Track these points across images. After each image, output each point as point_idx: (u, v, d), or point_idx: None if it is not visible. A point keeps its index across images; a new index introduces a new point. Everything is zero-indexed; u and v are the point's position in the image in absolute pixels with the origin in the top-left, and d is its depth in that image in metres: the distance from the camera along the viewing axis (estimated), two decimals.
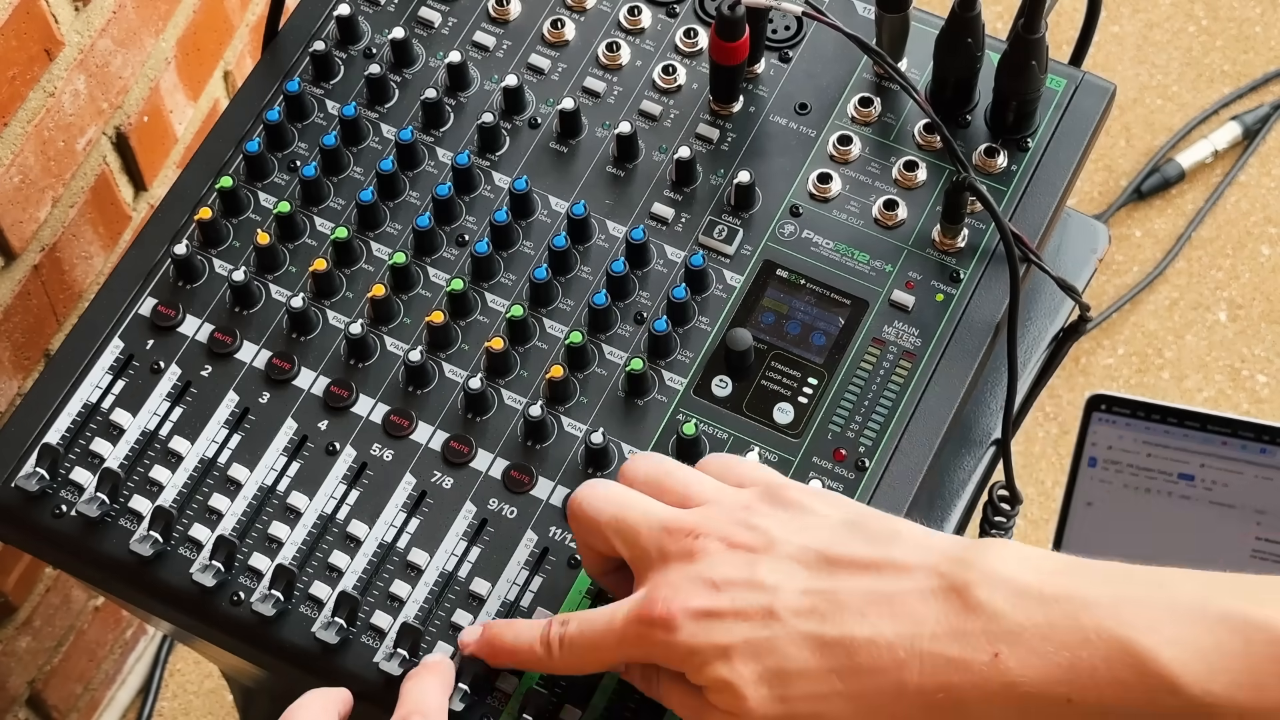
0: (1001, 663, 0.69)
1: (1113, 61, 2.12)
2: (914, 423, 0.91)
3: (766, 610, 0.74)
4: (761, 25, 0.97)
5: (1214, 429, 1.16)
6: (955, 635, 0.70)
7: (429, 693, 0.82)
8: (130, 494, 0.90)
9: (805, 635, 0.73)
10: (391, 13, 1.02)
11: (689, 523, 0.78)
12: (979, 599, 0.71)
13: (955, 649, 0.70)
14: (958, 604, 0.71)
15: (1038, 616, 0.69)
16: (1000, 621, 0.70)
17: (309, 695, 0.81)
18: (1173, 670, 0.67)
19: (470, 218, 0.96)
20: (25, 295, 1.27)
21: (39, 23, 1.16)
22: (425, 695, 0.82)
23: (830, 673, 0.73)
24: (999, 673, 0.69)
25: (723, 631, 0.74)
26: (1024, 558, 0.72)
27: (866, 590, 0.73)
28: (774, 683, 0.73)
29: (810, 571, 0.75)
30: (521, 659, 0.82)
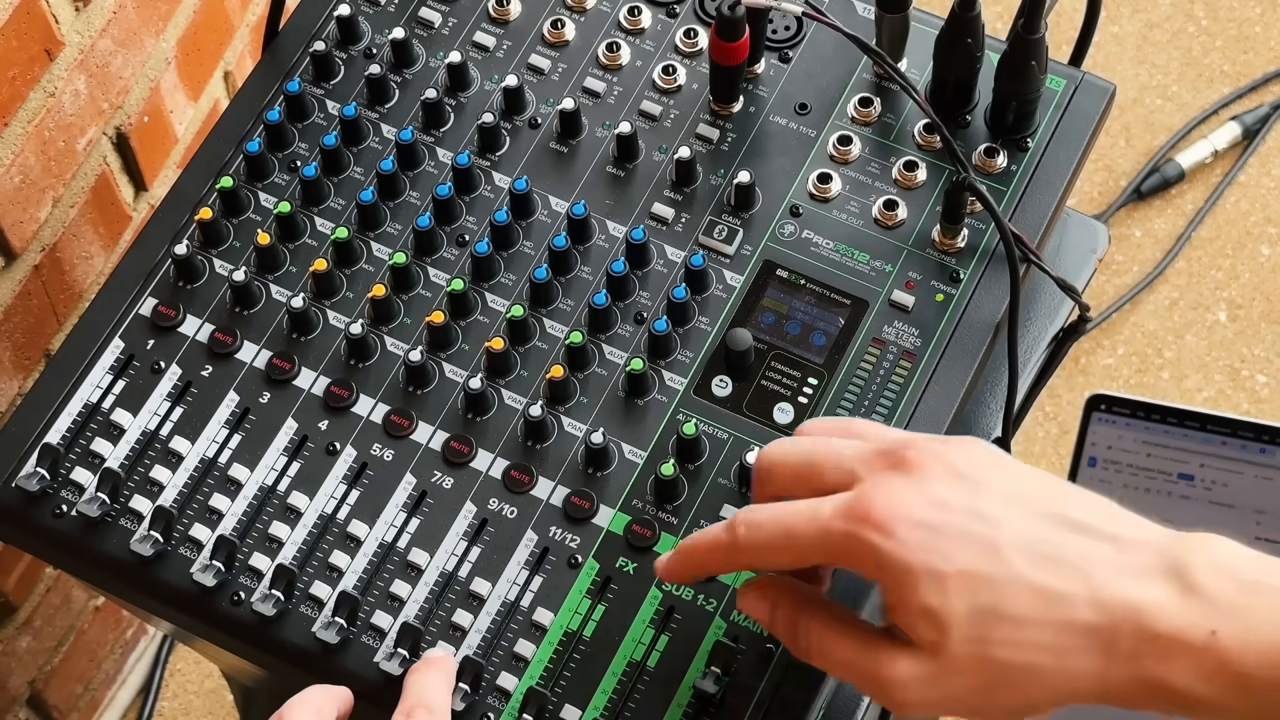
0: (1219, 641, 0.68)
1: (1113, 61, 2.12)
2: (914, 423, 0.91)
3: (990, 544, 0.71)
4: (761, 25, 0.97)
5: (1214, 429, 1.16)
6: (1173, 612, 0.69)
7: (433, 687, 0.82)
8: (131, 494, 0.90)
9: (1028, 581, 0.70)
10: (392, 13, 1.02)
11: (903, 440, 0.75)
12: (1198, 581, 0.70)
13: (1172, 624, 0.69)
14: (1177, 584, 0.70)
15: (1257, 600, 0.69)
16: (1219, 603, 0.69)
17: (309, 690, 0.81)
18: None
19: (470, 218, 0.96)
20: (26, 295, 1.27)
21: (39, 23, 1.16)
22: (429, 689, 0.82)
23: (1044, 625, 0.70)
24: (1215, 651, 0.68)
25: (941, 554, 0.70)
26: (1238, 549, 0.72)
27: (1091, 554, 0.71)
28: (983, 622, 0.70)
29: (1035, 518, 0.72)
30: (709, 555, 0.78)
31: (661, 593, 0.88)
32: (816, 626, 0.76)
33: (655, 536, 0.89)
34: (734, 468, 0.90)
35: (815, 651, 0.76)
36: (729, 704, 0.85)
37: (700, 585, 0.88)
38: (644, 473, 0.90)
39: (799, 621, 0.77)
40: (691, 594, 0.88)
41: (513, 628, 0.87)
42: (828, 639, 0.76)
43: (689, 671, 0.86)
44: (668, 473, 0.88)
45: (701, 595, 0.88)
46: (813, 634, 0.76)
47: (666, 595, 0.88)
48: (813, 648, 0.76)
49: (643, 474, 0.90)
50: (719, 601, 0.87)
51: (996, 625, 0.71)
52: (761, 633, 0.87)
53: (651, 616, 0.87)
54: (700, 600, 0.87)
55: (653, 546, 0.89)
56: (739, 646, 0.86)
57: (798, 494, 0.77)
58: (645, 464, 0.90)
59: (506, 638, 0.87)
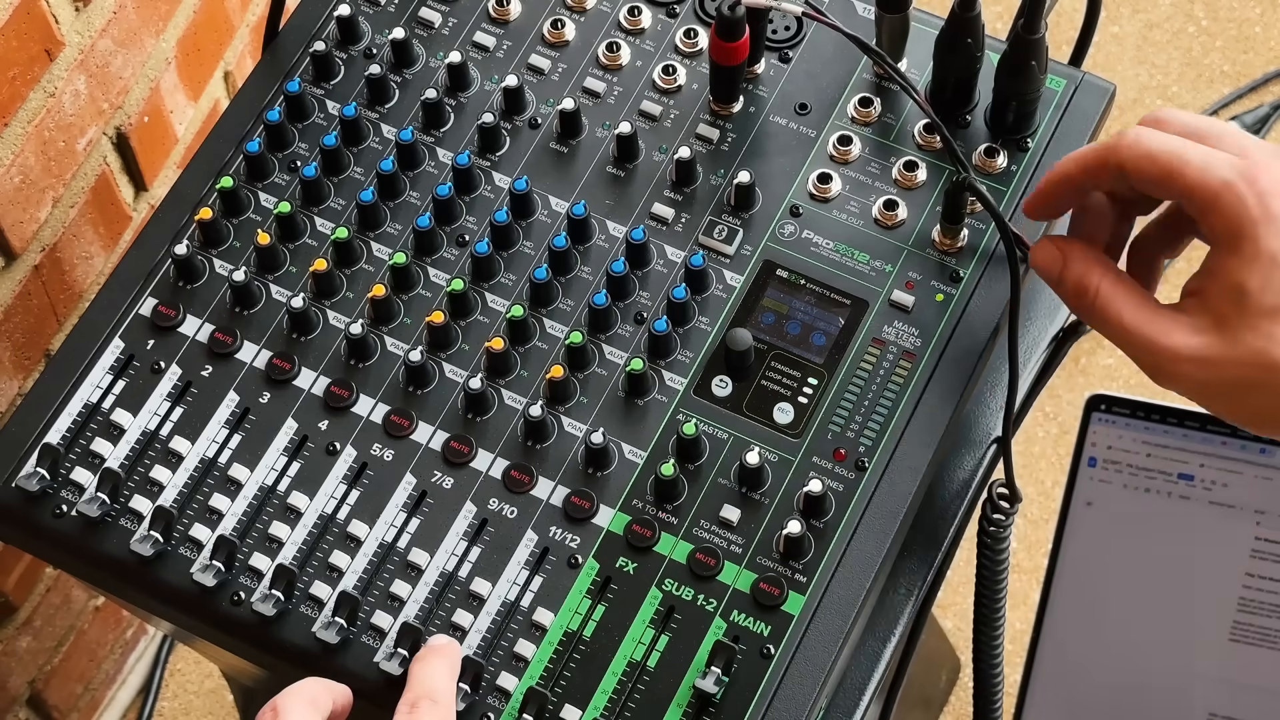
0: None
1: (1113, 61, 2.12)
2: (914, 423, 0.91)
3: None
4: (761, 25, 0.97)
5: (1214, 429, 1.16)
6: None
7: (438, 675, 0.82)
8: (131, 494, 0.90)
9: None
10: (392, 13, 1.02)
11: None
12: None
13: None
14: None
15: None
16: None
17: (305, 681, 0.81)
18: None
19: (470, 218, 0.96)
20: (26, 295, 1.27)
21: (39, 23, 1.16)
22: (434, 678, 0.82)
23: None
24: None
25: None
26: None
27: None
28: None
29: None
30: (1083, 155, 0.83)
31: (661, 592, 0.88)
32: (1109, 285, 0.81)
33: (655, 536, 0.89)
34: (734, 468, 0.90)
35: (1101, 308, 0.81)
36: (729, 704, 0.85)
37: (700, 585, 0.88)
38: (644, 473, 0.90)
39: (1091, 277, 0.81)
40: (691, 594, 0.88)
41: (513, 628, 0.87)
42: (1119, 297, 0.80)
43: (689, 671, 0.86)
44: (668, 473, 0.88)
45: (701, 595, 0.88)
46: (1104, 291, 0.81)
47: (666, 595, 0.88)
48: (1099, 304, 0.80)
49: (643, 474, 0.90)
50: (719, 601, 0.87)
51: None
52: (762, 632, 0.87)
53: (651, 616, 0.87)
54: (700, 600, 0.87)
55: (653, 547, 0.89)
56: (739, 646, 0.86)
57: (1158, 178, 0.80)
58: (645, 464, 0.90)
59: (506, 638, 0.87)
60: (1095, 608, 1.24)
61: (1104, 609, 1.25)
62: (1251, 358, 0.76)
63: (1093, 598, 1.24)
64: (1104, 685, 1.26)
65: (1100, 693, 1.26)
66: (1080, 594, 1.24)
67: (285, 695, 0.79)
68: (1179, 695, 1.24)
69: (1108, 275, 0.82)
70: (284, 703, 0.78)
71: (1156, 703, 1.25)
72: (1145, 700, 1.25)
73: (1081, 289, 0.83)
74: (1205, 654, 1.23)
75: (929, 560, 1.02)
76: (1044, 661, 1.26)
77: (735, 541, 0.88)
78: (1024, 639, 1.23)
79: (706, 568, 0.88)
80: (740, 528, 0.89)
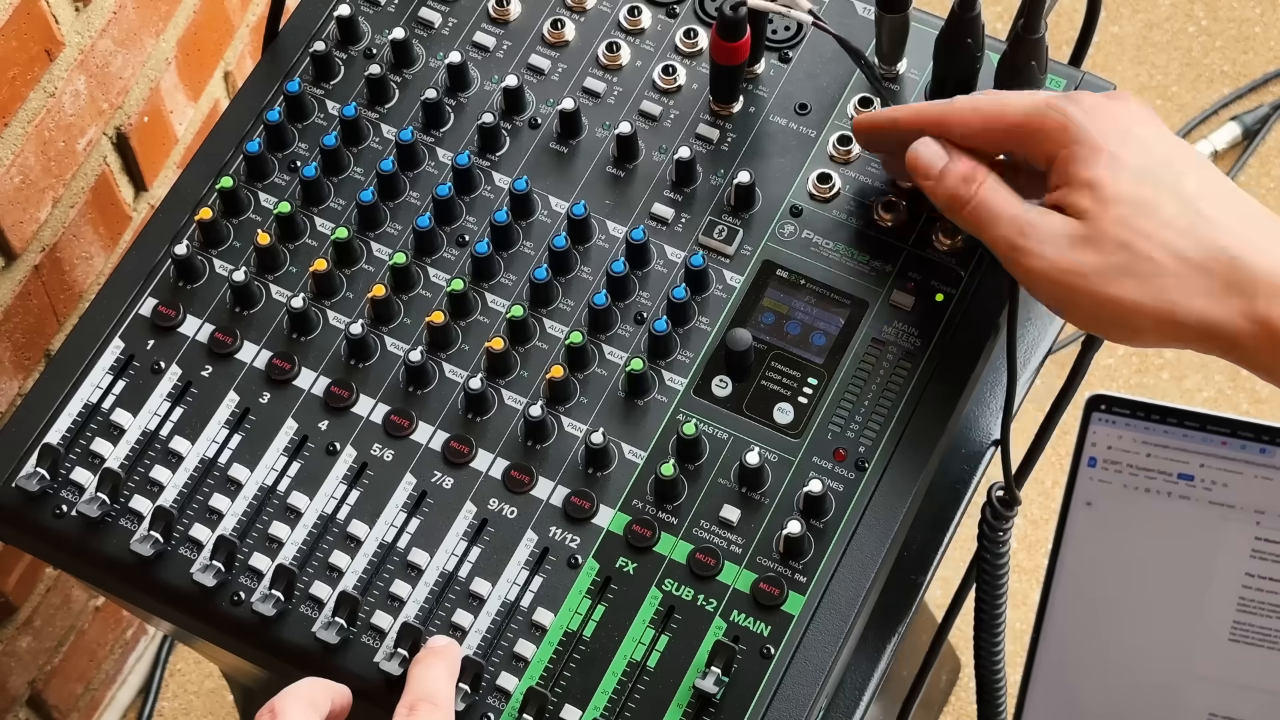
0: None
1: (1113, 61, 2.12)
2: (914, 423, 0.91)
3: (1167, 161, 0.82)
4: (762, 26, 0.97)
5: (1214, 429, 1.16)
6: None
7: (437, 677, 0.82)
8: (131, 494, 0.90)
9: (1188, 198, 0.81)
10: (391, 13, 1.02)
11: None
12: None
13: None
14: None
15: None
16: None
17: (303, 681, 0.81)
18: None
19: (470, 218, 0.96)
20: (26, 295, 1.27)
21: (39, 23, 1.16)
22: (433, 680, 0.82)
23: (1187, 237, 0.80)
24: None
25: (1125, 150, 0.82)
26: None
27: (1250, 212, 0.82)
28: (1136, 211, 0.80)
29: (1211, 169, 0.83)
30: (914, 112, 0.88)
31: (661, 593, 0.88)
32: (994, 180, 0.85)
33: (655, 536, 0.89)
34: (734, 468, 0.90)
35: (980, 200, 0.84)
36: (729, 704, 0.85)
37: (700, 585, 0.88)
38: (644, 473, 0.90)
39: (979, 172, 0.85)
40: (691, 594, 0.88)
41: (513, 628, 0.87)
42: (1000, 193, 0.84)
43: (689, 671, 0.86)
44: (668, 473, 0.88)
45: (701, 595, 0.88)
46: (987, 185, 0.84)
47: (666, 595, 0.88)
48: (979, 196, 0.84)
49: (643, 474, 0.90)
50: (719, 602, 0.87)
51: (1145, 219, 0.80)
52: (762, 633, 0.87)
53: (651, 616, 0.87)
54: (700, 600, 0.87)
55: (653, 547, 0.89)
56: (739, 646, 0.86)
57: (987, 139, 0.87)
58: (645, 464, 0.90)
59: (506, 638, 0.87)
60: (1095, 608, 1.24)
61: (1104, 609, 1.25)
62: (1114, 245, 0.80)
63: (1093, 597, 1.24)
64: (1104, 685, 1.26)
65: (1100, 693, 1.26)
66: (1080, 594, 1.24)
67: (283, 696, 0.79)
68: (1179, 695, 1.24)
69: (992, 173, 0.85)
70: (282, 704, 0.78)
71: (1156, 703, 1.25)
72: (1145, 700, 1.25)
73: (970, 178, 0.85)
74: (1205, 654, 1.23)
75: (929, 559, 1.02)
76: (1044, 661, 1.26)
77: (735, 541, 0.88)
78: (1024, 639, 1.23)
79: (706, 568, 0.88)
80: (740, 528, 0.89)
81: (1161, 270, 0.80)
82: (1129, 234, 0.80)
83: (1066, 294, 0.81)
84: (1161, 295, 0.80)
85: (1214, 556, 1.20)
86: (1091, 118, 0.83)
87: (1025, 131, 0.84)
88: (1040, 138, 0.84)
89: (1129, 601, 1.24)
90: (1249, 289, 0.78)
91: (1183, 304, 0.79)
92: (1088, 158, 0.82)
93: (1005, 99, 0.86)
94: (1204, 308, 0.79)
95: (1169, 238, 0.80)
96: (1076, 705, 1.27)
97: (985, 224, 0.84)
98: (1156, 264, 0.80)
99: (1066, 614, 1.25)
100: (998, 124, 0.85)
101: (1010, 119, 0.85)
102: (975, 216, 0.85)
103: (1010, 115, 0.85)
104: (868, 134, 0.92)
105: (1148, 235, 0.80)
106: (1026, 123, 0.84)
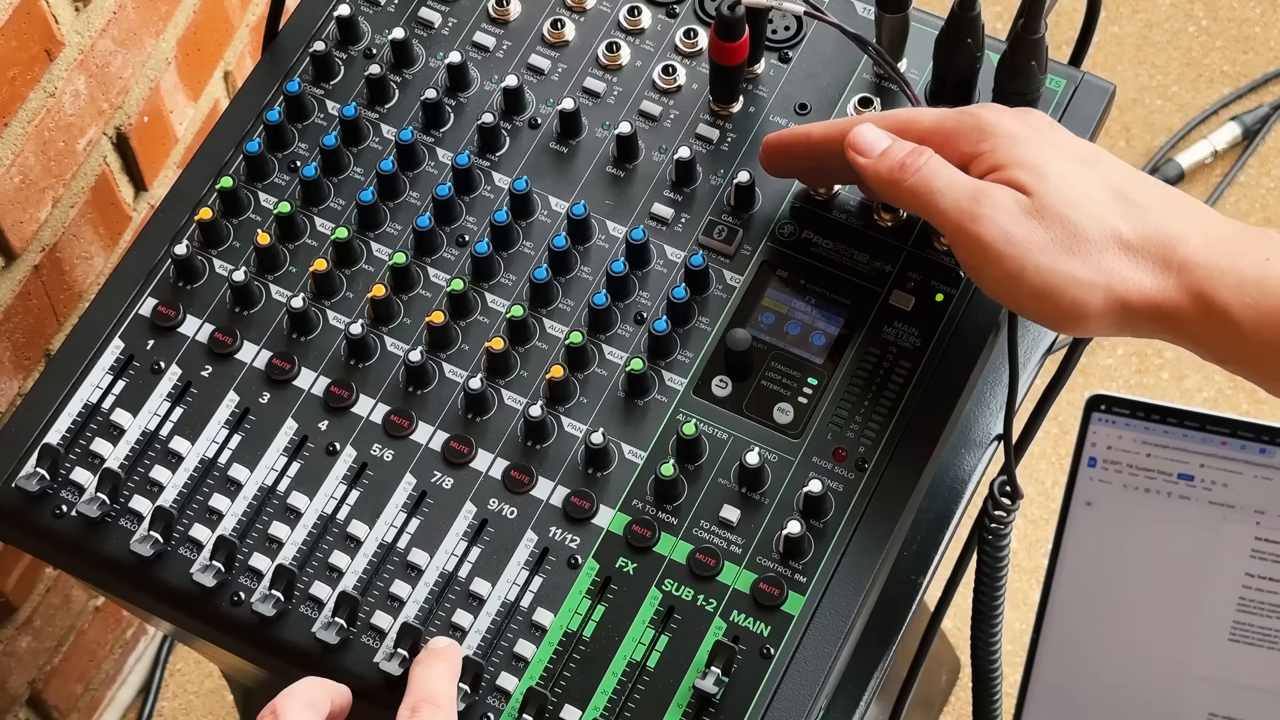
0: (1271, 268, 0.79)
1: (1113, 61, 2.12)
2: (914, 422, 0.91)
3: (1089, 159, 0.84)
4: (761, 25, 0.97)
5: (1213, 429, 1.16)
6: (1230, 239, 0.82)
7: (439, 678, 0.82)
8: (130, 494, 0.90)
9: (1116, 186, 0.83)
10: (391, 13, 1.02)
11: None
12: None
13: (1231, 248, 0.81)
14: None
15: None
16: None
17: (303, 681, 0.81)
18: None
19: (470, 218, 0.96)
20: (26, 295, 1.27)
21: (39, 23, 1.16)
22: (435, 681, 0.82)
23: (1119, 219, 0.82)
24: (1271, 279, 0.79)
25: (1052, 143, 0.84)
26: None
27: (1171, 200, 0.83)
28: (1071, 191, 0.82)
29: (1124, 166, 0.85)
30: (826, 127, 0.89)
31: (661, 593, 0.88)
32: (937, 158, 0.84)
33: (655, 537, 0.89)
34: (734, 468, 0.90)
35: (928, 171, 0.84)
36: (729, 704, 0.85)
37: (700, 585, 0.88)
38: (644, 473, 0.90)
39: (922, 153, 0.85)
40: (691, 594, 0.88)
41: (513, 628, 0.87)
42: (946, 166, 0.84)
43: (689, 672, 0.86)
44: (668, 473, 0.88)
45: (701, 595, 0.88)
46: (933, 160, 0.84)
47: (666, 595, 0.88)
48: (926, 168, 0.84)
49: (643, 474, 0.90)
50: (719, 602, 0.87)
51: (1083, 202, 0.81)
52: (761, 633, 0.87)
53: (651, 616, 0.87)
54: (700, 600, 0.87)
55: (653, 547, 0.89)
56: (739, 647, 0.86)
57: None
58: (645, 464, 0.90)
59: (506, 638, 0.87)
60: (1095, 608, 1.24)
61: (1104, 609, 1.25)
62: (1057, 219, 0.81)
63: (1092, 598, 1.24)
64: (1104, 685, 1.26)
65: (1100, 693, 1.26)
66: (1080, 594, 1.24)
67: (284, 696, 0.79)
68: (1179, 695, 1.24)
69: (935, 153, 0.85)
70: (283, 704, 0.78)
71: (1156, 702, 1.25)
72: (1145, 700, 1.25)
73: (914, 154, 0.85)
74: (1205, 654, 1.23)
75: (929, 559, 1.02)
76: (1044, 661, 1.26)
77: (735, 542, 0.88)
78: (1024, 639, 1.23)
79: (706, 568, 0.88)
80: (740, 528, 0.89)
81: (1105, 249, 0.81)
82: (1071, 210, 0.81)
83: (1016, 268, 0.81)
84: (1109, 273, 0.80)
85: (1214, 556, 1.20)
86: (1006, 119, 0.84)
87: (940, 134, 0.85)
88: (956, 138, 0.85)
89: (1129, 602, 1.24)
90: (1184, 266, 0.80)
91: (1129, 280, 0.80)
92: (1012, 147, 0.83)
93: (916, 111, 0.88)
94: (1147, 285, 0.80)
95: (1106, 219, 0.81)
96: (1076, 705, 1.27)
97: (934, 194, 0.84)
98: (1098, 244, 0.81)
99: (1066, 614, 1.25)
100: (911, 130, 0.86)
101: (923, 125, 0.86)
102: (922, 187, 0.84)
103: (923, 122, 0.86)
104: (777, 153, 0.92)
105: (1089, 216, 0.81)
106: (939, 127, 0.85)
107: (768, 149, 0.92)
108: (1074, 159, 0.83)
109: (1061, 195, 0.81)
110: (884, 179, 0.85)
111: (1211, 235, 0.80)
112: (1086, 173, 0.83)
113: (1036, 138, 0.84)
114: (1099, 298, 0.80)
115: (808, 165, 0.92)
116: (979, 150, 0.84)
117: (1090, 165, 0.83)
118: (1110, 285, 0.80)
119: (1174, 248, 0.80)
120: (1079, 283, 0.80)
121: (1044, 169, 0.82)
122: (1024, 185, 0.82)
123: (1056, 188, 0.81)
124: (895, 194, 0.85)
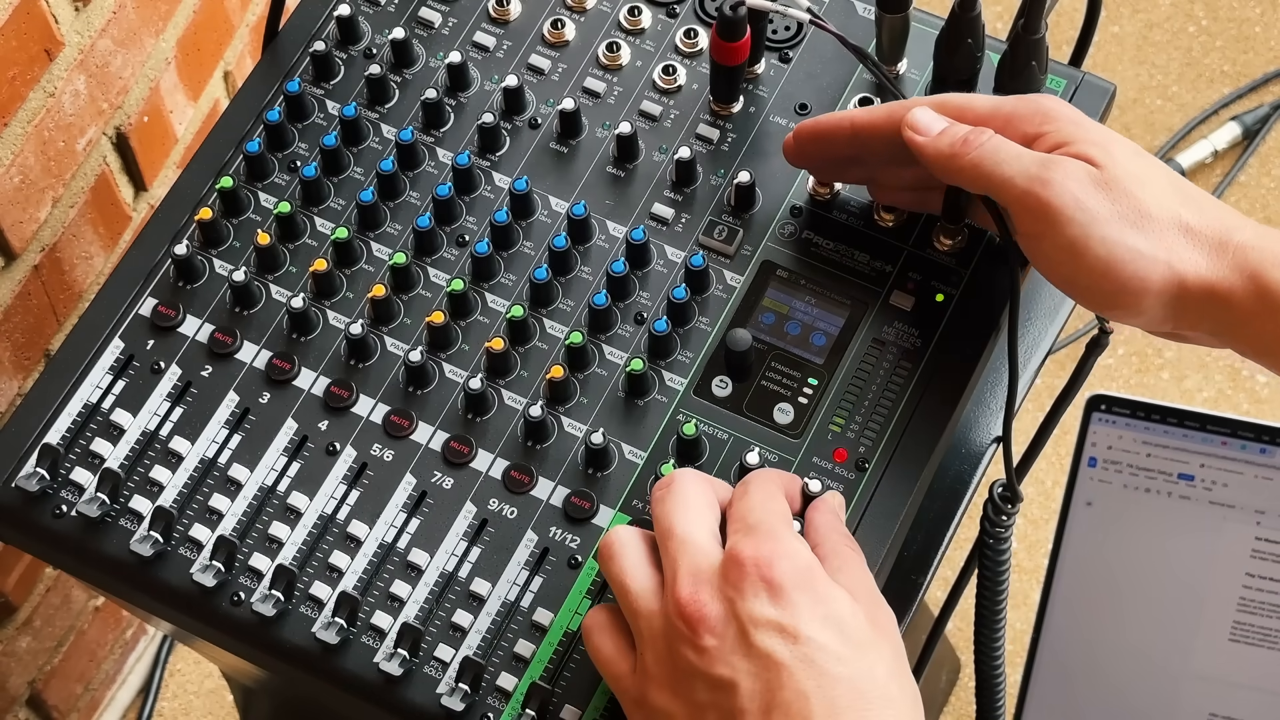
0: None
1: (1113, 61, 2.12)
2: (914, 423, 0.91)
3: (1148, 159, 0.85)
4: (762, 25, 0.97)
5: (1214, 429, 1.16)
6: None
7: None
8: (130, 494, 0.90)
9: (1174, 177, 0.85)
10: (391, 13, 1.02)
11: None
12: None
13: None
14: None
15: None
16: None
17: (764, 472, 0.85)
18: None
19: (470, 218, 0.96)
20: (25, 295, 1.27)
21: (39, 23, 1.16)
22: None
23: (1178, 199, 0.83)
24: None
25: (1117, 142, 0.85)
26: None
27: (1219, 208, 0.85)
28: (1140, 172, 0.83)
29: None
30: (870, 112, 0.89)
31: None
32: (1000, 136, 0.85)
33: None
34: (734, 468, 0.90)
35: (991, 148, 0.84)
36: None
37: None
38: (644, 473, 0.90)
39: (984, 130, 0.85)
40: None
41: (513, 628, 0.87)
42: (1009, 143, 0.84)
43: None
44: (668, 473, 0.88)
45: None
46: (996, 139, 0.84)
47: None
48: (990, 144, 0.84)
49: (643, 474, 0.90)
50: None
51: (1148, 182, 0.82)
52: None
53: None
54: None
55: None
56: None
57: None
58: (645, 464, 0.90)
59: (506, 638, 0.87)
60: (1095, 608, 1.24)
61: (1104, 609, 1.25)
62: (1124, 194, 0.82)
63: (1093, 598, 1.24)
64: (1104, 685, 1.26)
65: (1100, 692, 1.26)
66: (1080, 594, 1.24)
67: (748, 484, 0.83)
68: (1179, 695, 1.24)
69: (994, 132, 0.86)
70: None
71: (1157, 702, 1.25)
72: (1145, 700, 1.26)
73: (977, 133, 0.85)
74: (1205, 654, 1.23)
75: (929, 559, 1.02)
76: (1044, 661, 1.26)
77: None
78: (1024, 639, 1.23)
79: None
80: None
81: (1168, 228, 0.82)
82: (1138, 188, 0.82)
83: (1082, 235, 0.82)
84: (1170, 250, 0.82)
85: (1214, 556, 1.20)
86: (1066, 105, 0.86)
87: (1000, 117, 0.86)
88: (1018, 120, 0.86)
89: (1129, 601, 1.24)
90: (1240, 249, 0.82)
91: (1188, 260, 0.81)
92: (1076, 128, 0.84)
93: (970, 96, 0.88)
94: (1203, 267, 0.81)
95: (1169, 203, 0.82)
96: (1076, 705, 1.27)
97: (1000, 163, 0.84)
98: (1163, 223, 0.82)
99: (1066, 614, 1.25)
100: (967, 114, 0.87)
101: (980, 109, 0.87)
102: (988, 158, 0.84)
103: (979, 107, 0.87)
104: (810, 140, 0.91)
105: (1154, 195, 0.82)
106: (998, 110, 0.86)
107: (800, 136, 0.91)
108: (1134, 150, 0.85)
109: (1129, 172, 0.82)
110: (944, 154, 0.85)
111: (1260, 228, 0.83)
112: (1148, 161, 0.84)
113: (1098, 124, 0.85)
114: (1160, 274, 0.81)
115: (845, 153, 0.91)
116: (1042, 130, 0.85)
117: (1147, 158, 0.85)
118: (1171, 263, 0.81)
119: (1230, 233, 0.82)
120: (1142, 256, 0.81)
121: (1110, 148, 0.83)
122: (1093, 159, 0.83)
123: (1124, 165, 0.83)
124: (957, 167, 0.85)
